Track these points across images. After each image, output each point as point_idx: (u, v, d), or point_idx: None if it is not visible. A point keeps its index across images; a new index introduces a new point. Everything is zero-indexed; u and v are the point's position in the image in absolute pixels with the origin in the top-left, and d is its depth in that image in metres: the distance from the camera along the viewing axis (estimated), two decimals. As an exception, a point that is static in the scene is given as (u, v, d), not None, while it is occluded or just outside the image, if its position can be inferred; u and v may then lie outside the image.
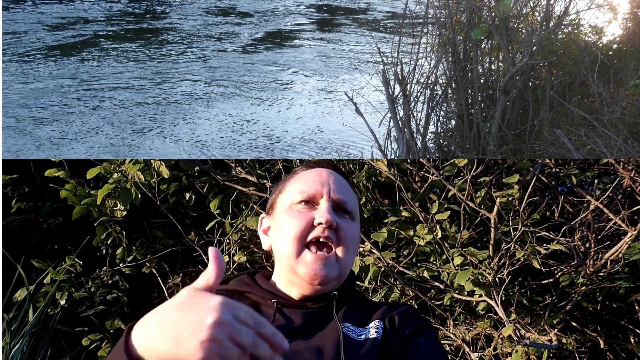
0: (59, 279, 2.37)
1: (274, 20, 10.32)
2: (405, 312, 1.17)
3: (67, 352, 2.43)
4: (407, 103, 3.62)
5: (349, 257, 1.18)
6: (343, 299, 1.18)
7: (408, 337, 1.12)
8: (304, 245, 1.15)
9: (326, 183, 1.21)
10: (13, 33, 8.43)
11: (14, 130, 5.34)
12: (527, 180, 2.11)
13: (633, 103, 3.15)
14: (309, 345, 1.06)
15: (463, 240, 2.15)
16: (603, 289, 2.20)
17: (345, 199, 1.21)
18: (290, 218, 1.18)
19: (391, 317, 1.15)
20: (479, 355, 2.28)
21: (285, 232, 1.16)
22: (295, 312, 1.14)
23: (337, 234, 1.16)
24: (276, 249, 1.21)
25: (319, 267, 1.13)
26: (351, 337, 1.09)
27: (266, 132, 5.54)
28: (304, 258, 1.14)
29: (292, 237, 1.15)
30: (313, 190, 1.20)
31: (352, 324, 1.13)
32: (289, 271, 1.17)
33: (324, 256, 1.14)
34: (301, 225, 1.15)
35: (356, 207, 1.25)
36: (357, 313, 1.16)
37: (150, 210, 2.55)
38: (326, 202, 1.18)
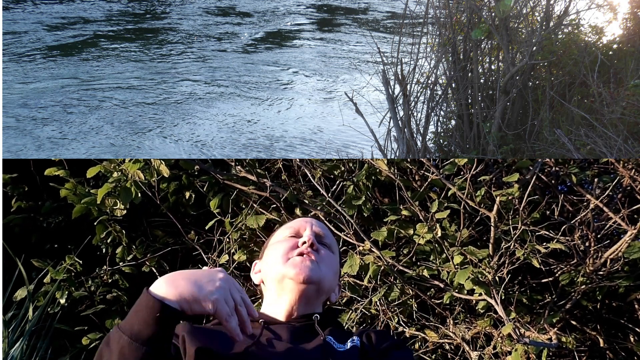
0: (58, 278, 2.37)
1: (274, 20, 10.33)
2: (381, 332, 1.32)
3: (67, 351, 2.43)
4: (407, 103, 3.62)
5: (328, 273, 1.34)
6: (325, 322, 1.30)
7: (385, 349, 1.23)
8: (289, 257, 1.32)
9: (309, 222, 1.43)
10: (13, 33, 8.43)
11: (14, 130, 5.34)
12: (527, 179, 2.11)
13: (633, 103, 3.16)
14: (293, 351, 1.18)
15: (463, 239, 2.15)
16: (603, 287, 2.20)
17: (324, 233, 1.42)
18: (279, 244, 1.37)
19: (368, 334, 1.28)
20: (478, 354, 2.28)
21: (274, 254, 1.35)
22: (281, 328, 1.26)
23: (318, 254, 1.34)
24: (266, 273, 1.37)
25: (305, 265, 1.29)
26: (333, 347, 1.21)
27: (266, 132, 5.54)
28: (292, 261, 1.30)
29: (281, 254, 1.33)
30: (298, 226, 1.42)
31: (334, 338, 1.25)
32: (278, 282, 1.31)
33: (309, 258, 1.31)
34: (287, 246, 1.35)
35: (334, 245, 1.44)
36: (338, 333, 1.28)
37: (150, 209, 2.54)
38: (309, 231, 1.39)
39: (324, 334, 1.23)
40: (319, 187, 2.22)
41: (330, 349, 1.19)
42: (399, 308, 2.33)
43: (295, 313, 1.30)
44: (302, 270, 1.28)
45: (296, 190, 2.34)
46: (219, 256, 2.36)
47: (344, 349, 1.22)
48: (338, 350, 1.20)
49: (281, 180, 2.41)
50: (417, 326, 2.42)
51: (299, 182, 2.44)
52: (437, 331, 2.39)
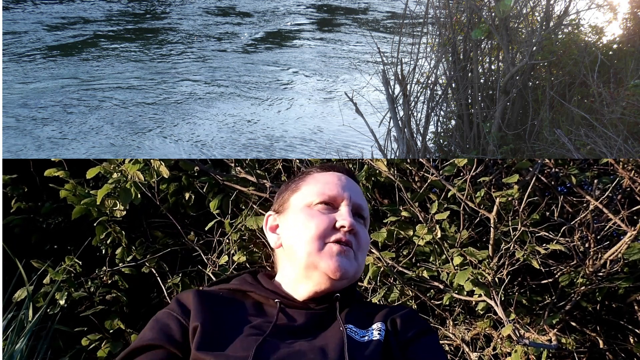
0: (58, 279, 2.37)
1: (274, 20, 10.33)
2: (407, 315, 1.18)
3: (67, 352, 2.43)
4: (407, 103, 3.62)
5: (363, 262, 1.20)
6: (345, 301, 1.18)
7: (409, 340, 1.12)
8: (324, 243, 1.15)
9: (347, 188, 1.22)
10: (13, 33, 8.43)
11: (14, 130, 5.34)
12: (527, 180, 2.11)
13: (633, 103, 3.15)
14: (312, 346, 1.06)
15: (462, 240, 2.15)
16: (602, 288, 2.20)
17: (363, 205, 1.23)
18: (311, 217, 1.18)
19: (393, 319, 1.16)
20: (478, 355, 2.27)
21: (306, 231, 1.16)
22: (299, 312, 1.15)
23: (356, 238, 1.18)
24: (290, 247, 1.19)
25: (343, 259, 1.14)
26: (354, 339, 1.09)
27: (266, 132, 5.54)
28: (327, 251, 1.14)
29: (313, 235, 1.15)
30: (334, 192, 1.21)
31: (355, 326, 1.13)
32: (307, 268, 1.16)
33: (347, 249, 1.15)
34: (323, 224, 1.16)
35: (368, 214, 1.27)
36: (359, 314, 1.17)
37: (150, 210, 2.55)
38: (346, 207, 1.19)
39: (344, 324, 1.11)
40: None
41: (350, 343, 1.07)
42: (398, 309, 2.32)
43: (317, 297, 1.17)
44: (340, 266, 1.13)
45: (296, 191, 2.33)
46: (218, 257, 2.36)
47: (365, 339, 1.10)
48: (359, 342, 1.09)
49: (281, 181, 2.41)
50: (416, 327, 2.41)
51: (298, 182, 2.43)
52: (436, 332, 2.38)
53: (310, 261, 1.15)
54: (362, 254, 1.19)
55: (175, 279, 2.46)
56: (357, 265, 1.17)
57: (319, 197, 1.20)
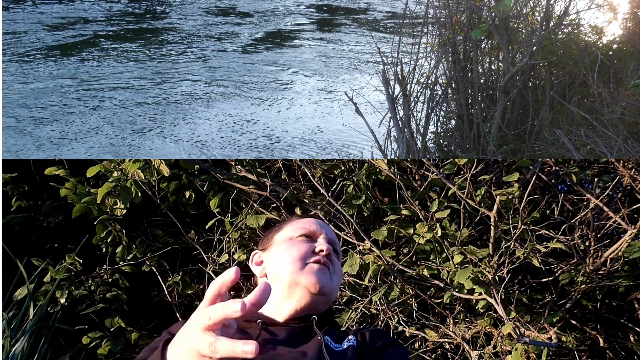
0: (58, 277, 2.37)
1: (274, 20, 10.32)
2: (375, 331, 1.31)
3: (67, 350, 2.43)
4: (407, 103, 3.62)
5: (337, 286, 1.34)
6: (322, 323, 1.29)
7: (380, 348, 1.24)
8: (305, 263, 1.29)
9: (323, 227, 1.42)
10: (13, 33, 8.43)
11: (14, 130, 5.34)
12: (527, 179, 2.11)
13: (633, 103, 3.16)
14: (293, 351, 1.17)
15: (463, 238, 2.15)
16: (603, 287, 2.20)
17: (336, 242, 1.42)
18: (293, 244, 1.34)
19: (362, 333, 1.28)
20: (478, 353, 2.28)
21: (289, 255, 1.31)
22: (280, 329, 1.25)
23: (332, 264, 1.33)
24: (274, 272, 1.33)
25: (322, 275, 1.28)
26: (331, 347, 1.21)
27: (266, 132, 5.54)
28: (308, 269, 1.28)
29: (295, 257, 1.30)
30: (313, 228, 1.39)
31: (331, 338, 1.25)
32: (290, 286, 1.28)
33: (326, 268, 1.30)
34: (304, 249, 1.32)
35: (340, 251, 1.45)
36: (334, 333, 1.28)
37: (150, 209, 2.55)
38: (324, 239, 1.37)
39: (321, 334, 1.22)
40: (319, 186, 2.22)
41: (328, 349, 1.18)
42: (399, 307, 2.33)
43: (297, 316, 1.29)
44: (319, 280, 1.26)
45: (296, 189, 2.34)
46: (219, 255, 2.37)
47: (341, 348, 1.21)
48: (335, 350, 1.20)
49: (281, 180, 2.41)
50: (417, 325, 2.42)
51: (299, 181, 2.44)
52: (437, 330, 2.39)
53: (293, 279, 1.27)
54: (337, 279, 1.34)
55: (175, 277, 2.46)
56: (333, 286, 1.31)
57: (299, 231, 1.38)
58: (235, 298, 1.34)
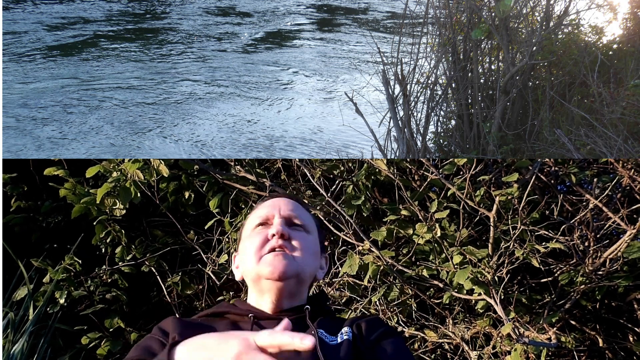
0: (58, 277, 2.37)
1: (274, 20, 10.33)
2: (372, 320, 1.27)
3: (67, 350, 2.43)
4: (407, 103, 3.62)
5: (306, 261, 1.29)
6: (316, 313, 1.27)
7: (375, 341, 1.20)
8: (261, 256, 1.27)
9: (276, 206, 1.37)
10: (13, 33, 8.43)
11: (14, 130, 5.34)
12: (527, 179, 2.11)
13: (633, 103, 3.15)
14: None
15: (462, 238, 2.15)
16: (602, 287, 2.20)
17: (294, 214, 1.36)
18: (250, 239, 1.32)
19: (358, 324, 1.24)
20: (478, 354, 2.28)
21: (248, 251, 1.30)
22: (271, 323, 1.22)
23: (291, 243, 1.29)
24: (243, 271, 1.32)
25: (278, 261, 1.24)
26: (325, 341, 1.18)
27: (266, 132, 5.54)
28: (264, 260, 1.25)
29: (253, 251, 1.28)
30: (266, 213, 1.36)
31: (325, 331, 1.21)
32: (256, 281, 1.27)
33: (281, 253, 1.26)
34: (258, 240, 1.29)
35: (309, 222, 1.38)
36: (329, 324, 1.25)
37: (150, 209, 2.55)
38: (278, 219, 1.32)
39: (315, 328, 1.20)
40: (319, 186, 2.22)
41: (322, 344, 1.16)
42: (398, 308, 2.33)
43: (282, 307, 1.27)
44: (276, 268, 1.23)
45: (296, 189, 2.34)
46: (218, 256, 2.36)
47: (336, 342, 1.19)
48: (330, 344, 1.17)
49: (280, 180, 2.41)
50: (416, 326, 2.42)
51: (298, 181, 2.44)
52: (436, 331, 2.39)
53: (255, 273, 1.26)
54: (303, 256, 1.29)
55: (175, 278, 2.46)
56: (297, 264, 1.26)
57: (255, 220, 1.36)
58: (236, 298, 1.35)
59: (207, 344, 0.91)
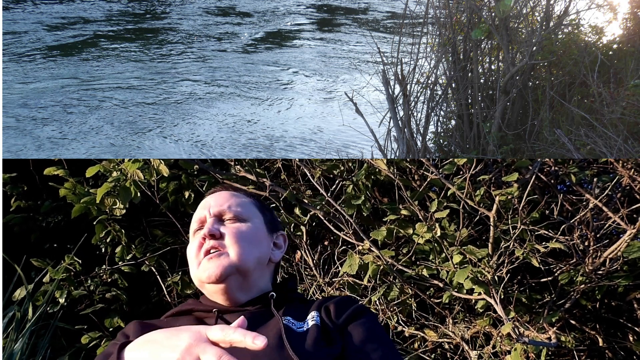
0: (58, 277, 2.37)
1: (274, 20, 10.33)
2: (340, 301, 1.25)
3: (67, 350, 2.43)
4: (407, 103, 3.62)
5: (245, 252, 1.26)
6: (281, 299, 1.26)
7: (345, 322, 1.18)
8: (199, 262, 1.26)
9: (207, 205, 1.35)
10: (13, 33, 8.43)
11: (14, 130, 5.34)
12: (526, 179, 2.11)
13: (633, 103, 3.15)
14: None
15: (462, 238, 2.15)
16: (602, 287, 2.20)
17: (224, 208, 1.33)
18: (190, 245, 1.32)
19: (326, 307, 1.22)
20: (478, 353, 2.28)
21: (189, 257, 1.31)
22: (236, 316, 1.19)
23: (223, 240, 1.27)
24: None
25: (211, 265, 1.23)
26: (292, 329, 1.16)
27: (266, 132, 5.54)
28: (202, 265, 1.25)
29: (192, 257, 1.28)
30: (199, 216, 1.34)
31: (293, 318, 1.20)
32: (200, 286, 1.29)
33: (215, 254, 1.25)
34: (193, 246, 1.29)
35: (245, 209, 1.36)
36: (297, 310, 1.24)
37: (150, 209, 2.55)
38: (210, 219, 1.31)
39: (281, 316, 1.18)
40: (319, 186, 2.22)
41: (289, 332, 1.13)
42: (398, 307, 2.33)
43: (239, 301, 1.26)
44: (212, 271, 1.22)
45: (295, 189, 2.34)
46: (218, 256, 2.36)
47: (303, 329, 1.17)
48: (297, 332, 1.16)
49: (280, 180, 2.41)
50: (416, 325, 2.42)
51: (298, 181, 2.44)
52: (436, 330, 2.39)
53: (197, 279, 1.28)
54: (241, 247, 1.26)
55: (174, 278, 2.46)
56: (234, 260, 1.24)
57: (193, 225, 1.35)
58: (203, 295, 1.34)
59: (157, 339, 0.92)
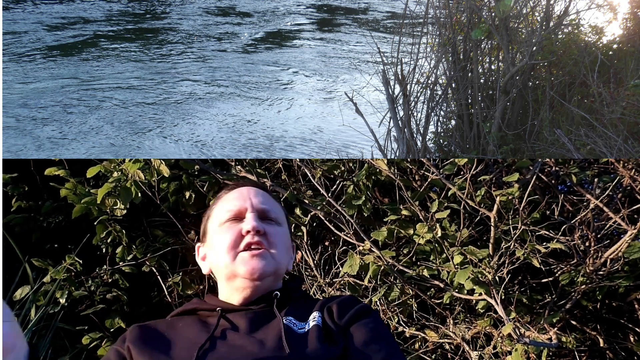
0: (59, 277, 2.37)
1: (274, 20, 10.33)
2: (343, 301, 1.23)
3: (67, 350, 2.43)
4: (407, 103, 3.62)
5: (281, 256, 1.27)
6: (285, 298, 1.24)
7: (347, 323, 1.17)
8: (237, 253, 1.23)
9: (247, 198, 1.31)
10: (13, 33, 8.43)
11: (14, 130, 5.34)
12: (527, 179, 2.11)
13: (633, 103, 3.16)
14: (252, 340, 1.13)
15: (463, 239, 2.15)
16: (603, 287, 2.20)
17: (267, 208, 1.31)
18: (222, 234, 1.27)
19: (329, 307, 1.21)
20: (478, 354, 2.28)
21: (220, 246, 1.25)
22: (239, 315, 1.21)
23: (266, 238, 1.25)
24: (215, 265, 1.28)
25: (256, 262, 1.21)
26: (293, 330, 1.15)
27: (266, 132, 5.55)
28: (241, 259, 1.22)
29: (226, 247, 1.24)
30: (237, 206, 1.30)
31: (295, 318, 1.18)
32: (229, 278, 1.25)
33: (258, 252, 1.23)
34: (232, 236, 1.25)
35: (280, 214, 1.35)
36: (299, 309, 1.22)
37: (150, 209, 2.54)
38: (251, 213, 1.28)
39: (282, 317, 1.16)
40: (319, 187, 2.22)
41: (289, 333, 1.13)
42: (399, 308, 2.33)
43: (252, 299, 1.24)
44: (254, 268, 1.20)
45: (296, 190, 2.34)
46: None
47: (305, 330, 1.15)
48: (298, 333, 1.14)
49: (281, 180, 2.41)
50: (417, 326, 2.42)
51: (299, 181, 2.44)
52: (437, 331, 2.39)
53: (229, 271, 1.23)
54: (279, 251, 1.26)
55: (175, 278, 2.46)
56: (275, 262, 1.24)
57: (226, 214, 1.29)
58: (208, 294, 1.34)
59: None
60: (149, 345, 1.14)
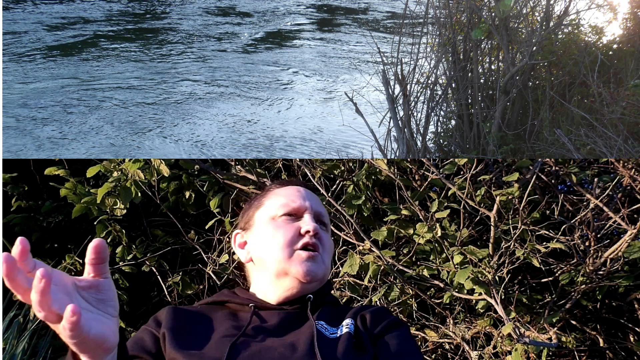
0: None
1: (274, 20, 10.33)
2: (377, 311, 1.23)
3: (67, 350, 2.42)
4: (407, 103, 3.62)
5: (329, 264, 1.28)
6: (318, 302, 1.24)
7: (380, 333, 1.17)
8: (293, 250, 1.23)
9: (307, 198, 1.31)
10: (13, 33, 8.43)
11: (14, 130, 5.34)
12: (527, 179, 2.11)
13: (633, 103, 3.16)
14: (283, 342, 1.12)
15: (463, 238, 2.15)
16: (603, 287, 2.20)
17: (322, 212, 1.33)
18: (277, 228, 1.26)
19: (362, 315, 1.21)
20: (478, 354, 2.28)
21: (274, 241, 1.24)
22: (272, 314, 1.21)
23: (321, 242, 1.26)
24: (260, 258, 1.27)
25: (311, 264, 1.21)
26: (324, 334, 1.15)
27: (266, 132, 5.54)
28: (296, 258, 1.22)
29: (282, 244, 1.23)
30: (297, 204, 1.29)
31: (327, 323, 1.19)
32: (278, 275, 1.23)
33: (315, 254, 1.23)
34: (289, 233, 1.24)
35: (329, 221, 1.36)
36: (331, 314, 1.22)
37: (150, 209, 2.55)
38: (309, 215, 1.27)
39: (315, 320, 1.16)
40: (319, 186, 2.22)
41: (320, 337, 1.12)
42: (399, 308, 2.33)
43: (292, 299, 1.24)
44: (309, 270, 1.20)
45: (296, 189, 2.33)
46: (218, 256, 2.37)
47: (336, 335, 1.15)
48: (330, 338, 1.14)
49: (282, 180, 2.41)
50: (417, 326, 2.42)
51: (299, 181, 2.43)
52: (437, 331, 2.39)
53: (281, 268, 1.22)
54: (328, 257, 1.27)
55: (175, 278, 2.46)
56: (325, 267, 1.25)
57: (282, 209, 1.28)
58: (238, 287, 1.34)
59: None
60: (183, 336, 1.14)
